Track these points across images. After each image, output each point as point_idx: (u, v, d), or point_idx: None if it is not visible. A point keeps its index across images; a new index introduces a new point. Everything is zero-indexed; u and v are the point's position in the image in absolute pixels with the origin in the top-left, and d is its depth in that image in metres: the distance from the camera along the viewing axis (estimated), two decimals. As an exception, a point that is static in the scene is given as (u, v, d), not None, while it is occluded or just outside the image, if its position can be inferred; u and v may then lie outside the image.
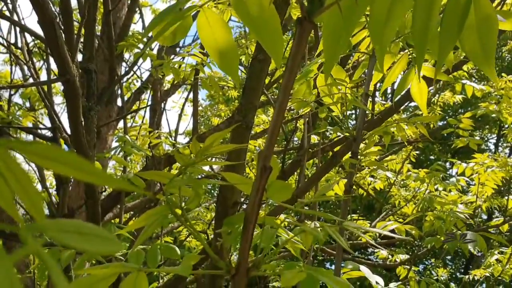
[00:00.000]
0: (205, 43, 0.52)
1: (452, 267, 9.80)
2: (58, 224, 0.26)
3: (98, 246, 0.27)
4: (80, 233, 0.26)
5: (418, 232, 2.10)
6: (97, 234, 0.27)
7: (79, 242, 0.26)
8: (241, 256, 0.53)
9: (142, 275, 0.50)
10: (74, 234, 0.26)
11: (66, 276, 1.21)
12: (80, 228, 0.27)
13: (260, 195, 0.50)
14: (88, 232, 0.27)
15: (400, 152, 4.26)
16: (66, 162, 0.28)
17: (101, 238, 0.27)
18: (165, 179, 0.50)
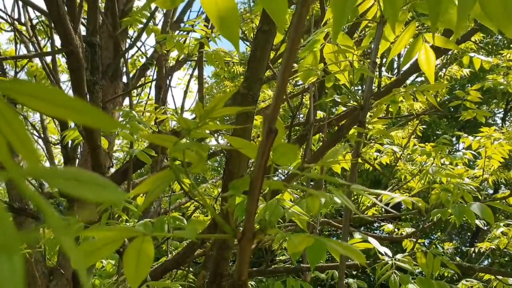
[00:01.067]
0: (205, 6, 0.51)
1: (458, 241, 9.85)
2: (54, 170, 0.26)
3: (98, 194, 0.26)
4: (79, 180, 0.26)
5: (425, 205, 2.09)
6: (97, 182, 0.27)
7: (77, 189, 0.26)
8: (247, 221, 0.52)
9: (148, 239, 0.50)
10: (72, 181, 0.26)
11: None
12: (79, 176, 0.26)
13: (265, 158, 0.49)
14: (88, 179, 0.26)
15: (406, 127, 4.24)
16: (63, 104, 0.26)
17: (101, 186, 0.27)
18: (169, 143, 0.50)
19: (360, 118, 1.02)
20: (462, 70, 3.94)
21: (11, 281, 0.21)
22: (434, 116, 10.31)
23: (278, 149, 0.51)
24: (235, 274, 0.55)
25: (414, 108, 1.12)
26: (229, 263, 2.10)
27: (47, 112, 0.26)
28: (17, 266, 0.22)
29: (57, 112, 0.26)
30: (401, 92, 1.05)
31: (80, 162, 2.85)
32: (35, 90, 0.25)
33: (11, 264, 0.22)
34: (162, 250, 4.58)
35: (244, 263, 0.54)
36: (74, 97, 0.26)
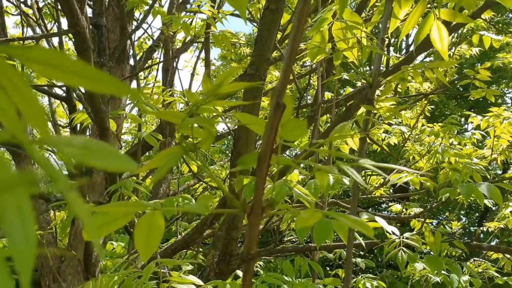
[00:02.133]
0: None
1: (466, 221, 9.85)
2: (65, 139, 0.26)
3: (109, 162, 0.26)
4: (90, 149, 0.26)
5: (433, 184, 2.09)
6: (109, 152, 0.27)
7: (89, 158, 0.26)
8: (256, 195, 0.53)
9: (158, 214, 0.50)
10: (84, 149, 0.26)
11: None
12: (91, 145, 0.26)
13: (273, 134, 0.49)
14: (100, 149, 0.26)
15: (414, 107, 4.22)
16: (70, 69, 0.26)
17: (113, 155, 0.27)
18: (178, 119, 0.50)
19: (368, 96, 1.02)
20: (471, 49, 3.90)
21: (25, 244, 0.22)
22: (443, 97, 10.22)
23: (287, 124, 0.51)
24: (244, 249, 0.56)
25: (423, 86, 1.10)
26: (238, 243, 2.13)
27: (57, 78, 0.26)
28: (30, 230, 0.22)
29: (66, 78, 0.26)
30: (410, 69, 1.04)
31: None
32: (44, 55, 0.25)
33: (24, 227, 0.22)
34: (171, 232, 4.63)
35: (253, 238, 0.55)
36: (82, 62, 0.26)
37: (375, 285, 3.07)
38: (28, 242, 0.22)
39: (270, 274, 1.32)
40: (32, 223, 0.23)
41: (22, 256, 0.22)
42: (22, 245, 0.22)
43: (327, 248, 2.31)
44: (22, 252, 0.22)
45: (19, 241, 0.22)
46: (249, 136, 1.65)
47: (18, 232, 0.22)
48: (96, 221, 0.46)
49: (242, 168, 0.54)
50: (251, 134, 1.63)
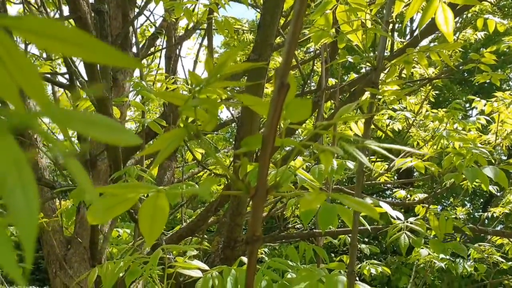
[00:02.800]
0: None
1: (470, 207, 9.85)
2: (66, 112, 0.26)
3: (113, 136, 0.26)
4: (94, 123, 0.26)
5: (437, 169, 2.09)
6: (113, 125, 0.27)
7: (93, 131, 0.26)
8: (260, 177, 0.53)
9: (162, 196, 0.50)
10: (87, 123, 0.26)
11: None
12: (95, 119, 0.26)
13: (278, 114, 0.49)
14: (100, 121, 0.26)
15: (419, 93, 4.19)
16: (67, 39, 0.25)
17: (117, 129, 0.27)
18: (181, 101, 0.50)
19: (373, 80, 1.01)
20: (476, 33, 3.86)
21: (27, 212, 0.22)
22: (447, 82, 10.16)
23: (291, 105, 0.51)
24: (249, 231, 0.56)
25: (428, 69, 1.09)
26: (242, 229, 2.13)
27: (54, 48, 0.25)
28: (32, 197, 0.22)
29: (64, 48, 0.25)
30: (415, 52, 1.03)
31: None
32: (39, 25, 0.24)
33: (25, 194, 0.22)
34: (176, 219, 4.65)
35: (257, 220, 0.55)
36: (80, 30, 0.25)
37: (379, 271, 3.09)
38: (30, 209, 0.22)
39: (275, 260, 1.33)
40: (34, 189, 0.23)
41: (25, 224, 0.22)
42: (24, 213, 0.22)
43: (332, 233, 2.32)
44: (25, 219, 0.22)
45: (21, 209, 0.22)
46: (253, 121, 1.64)
47: (20, 199, 0.22)
48: (101, 205, 0.46)
49: (246, 150, 0.54)
50: (255, 120, 1.63)
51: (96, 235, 2.14)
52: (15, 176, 0.22)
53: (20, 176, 0.22)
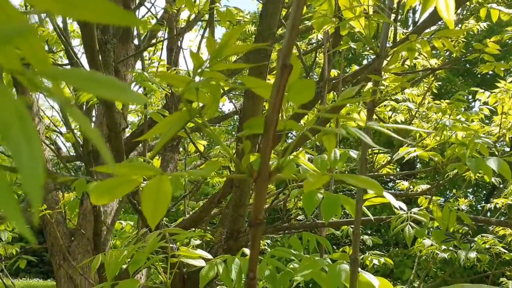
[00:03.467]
0: None
1: (473, 199, 9.84)
2: (69, 70, 0.26)
3: (116, 94, 0.26)
4: (94, 79, 0.26)
5: (441, 159, 2.08)
6: (116, 84, 0.26)
7: (96, 89, 0.25)
8: (263, 160, 0.52)
9: (165, 178, 0.50)
10: (91, 81, 0.26)
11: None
12: (94, 75, 0.26)
13: (280, 96, 0.49)
14: (107, 81, 0.26)
15: (421, 84, 4.18)
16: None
17: (120, 88, 0.26)
18: (182, 83, 0.50)
19: (375, 66, 1.00)
20: (479, 24, 3.83)
21: (31, 163, 0.22)
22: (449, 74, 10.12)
23: (294, 86, 0.50)
24: (252, 214, 0.56)
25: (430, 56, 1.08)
26: (245, 220, 2.14)
27: (54, 9, 0.25)
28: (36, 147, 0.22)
29: (64, 10, 0.25)
30: (418, 39, 1.02)
31: (95, 124, 2.87)
32: None
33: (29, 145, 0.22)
34: (179, 212, 4.66)
35: (260, 203, 0.55)
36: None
37: (382, 262, 3.09)
38: (34, 159, 0.22)
39: (279, 249, 1.33)
40: (37, 140, 0.23)
41: (30, 174, 0.22)
42: (29, 163, 0.22)
43: (335, 224, 2.32)
44: (30, 169, 0.22)
45: (25, 159, 0.22)
46: (256, 112, 1.64)
47: (24, 150, 0.22)
48: (105, 185, 0.46)
49: (248, 132, 0.54)
50: (258, 104, 1.61)
51: (99, 227, 2.15)
52: (18, 128, 0.22)
53: (23, 127, 0.22)
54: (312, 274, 1.21)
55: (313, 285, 8.63)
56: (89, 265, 2.68)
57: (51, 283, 16.18)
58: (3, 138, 0.22)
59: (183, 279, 2.09)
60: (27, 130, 0.22)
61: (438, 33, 1.04)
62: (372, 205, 1.95)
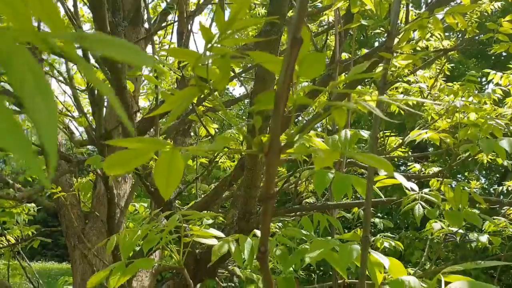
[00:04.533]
0: None
1: (486, 183, 9.78)
2: (83, 33, 0.26)
3: (127, 55, 0.27)
4: (109, 43, 0.26)
5: (453, 140, 2.07)
6: (126, 45, 0.27)
7: (108, 49, 0.26)
8: (273, 135, 0.53)
9: (176, 153, 0.51)
10: (103, 43, 0.26)
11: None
12: (110, 39, 0.27)
13: (291, 70, 0.49)
14: (118, 43, 0.27)
15: (433, 66, 4.13)
16: None
17: (131, 49, 0.27)
18: (193, 58, 0.50)
19: (387, 44, 1.00)
20: (493, 3, 3.77)
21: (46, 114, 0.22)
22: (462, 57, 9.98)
23: (304, 60, 0.50)
24: (263, 189, 0.56)
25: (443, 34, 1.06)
26: (256, 202, 2.15)
27: None
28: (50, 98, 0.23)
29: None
30: (430, 16, 1.01)
31: (107, 108, 2.89)
32: None
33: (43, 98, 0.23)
34: (191, 195, 4.70)
35: (271, 177, 0.56)
36: None
37: (393, 245, 3.10)
38: (49, 110, 0.23)
39: (290, 228, 1.34)
40: (50, 93, 0.23)
41: (46, 125, 0.23)
42: (44, 115, 0.23)
43: (346, 206, 2.32)
44: (45, 121, 0.23)
45: (41, 111, 0.23)
46: (266, 86, 1.62)
47: (39, 103, 0.23)
48: (118, 157, 0.47)
49: (258, 107, 0.54)
50: (269, 83, 1.60)
51: (113, 209, 2.18)
52: (32, 82, 0.23)
53: (37, 81, 0.23)
54: (323, 254, 1.22)
55: (324, 267, 8.68)
56: (103, 246, 2.73)
57: (66, 265, 16.49)
58: (19, 92, 0.22)
59: (195, 260, 2.12)
60: (41, 84, 0.23)
61: (451, 9, 1.03)
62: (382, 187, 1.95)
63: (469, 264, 0.86)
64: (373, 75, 0.60)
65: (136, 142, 0.46)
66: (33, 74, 0.23)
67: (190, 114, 2.92)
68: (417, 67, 3.49)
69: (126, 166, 0.47)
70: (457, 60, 8.99)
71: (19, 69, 0.23)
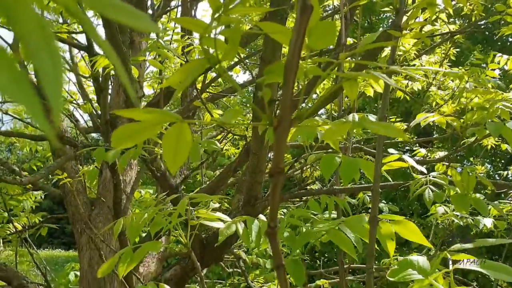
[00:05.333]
0: None
1: (491, 169, 9.75)
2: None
3: (133, 20, 0.26)
4: (113, 4, 0.26)
5: (460, 123, 2.05)
6: (133, 12, 0.26)
7: (114, 13, 0.25)
8: (283, 107, 0.52)
9: (185, 126, 0.50)
10: (110, 6, 0.26)
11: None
12: (118, 3, 0.26)
13: (301, 39, 0.48)
14: (122, 6, 0.26)
15: (439, 51, 4.10)
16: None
17: (137, 15, 0.26)
18: (199, 28, 0.49)
19: (395, 22, 0.98)
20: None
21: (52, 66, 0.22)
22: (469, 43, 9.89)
23: (315, 30, 0.49)
24: (272, 163, 0.56)
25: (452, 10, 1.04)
26: (262, 187, 2.15)
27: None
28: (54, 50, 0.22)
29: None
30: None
31: (112, 95, 2.88)
32: None
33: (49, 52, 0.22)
34: (197, 182, 4.71)
35: (281, 151, 0.55)
36: None
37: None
38: (54, 62, 0.22)
39: (298, 209, 1.34)
40: (56, 45, 0.23)
41: (51, 79, 0.22)
42: (49, 66, 0.22)
43: (352, 190, 2.31)
44: (50, 72, 0.22)
45: (45, 63, 0.22)
46: (275, 56, 1.59)
47: (44, 55, 0.22)
48: (128, 129, 0.46)
49: (268, 79, 0.53)
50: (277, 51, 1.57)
51: (119, 195, 2.18)
52: (39, 34, 0.22)
53: (43, 34, 0.22)
54: (329, 235, 1.21)
55: (329, 253, 8.72)
56: (110, 232, 2.74)
57: (73, 253, 16.63)
58: (24, 43, 0.22)
59: (201, 245, 2.13)
60: (47, 36, 0.22)
61: (460, -14, 1.01)
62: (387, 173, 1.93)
63: (477, 241, 0.85)
64: (384, 44, 0.59)
65: (144, 113, 0.45)
66: (40, 27, 0.22)
67: (194, 100, 2.91)
68: (422, 51, 3.46)
69: (134, 138, 0.47)
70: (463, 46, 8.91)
71: (27, 21, 0.22)
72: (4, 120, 7.94)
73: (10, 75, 0.21)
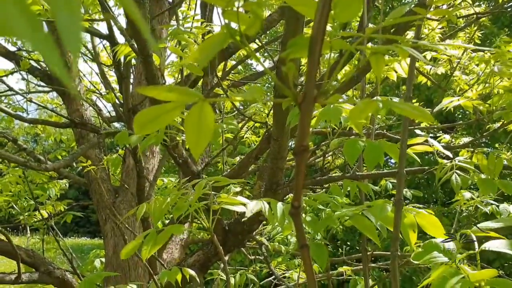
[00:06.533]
0: None
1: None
2: None
3: None
4: None
5: (486, 107, 2.01)
6: None
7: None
8: (308, 81, 0.51)
9: (207, 105, 0.49)
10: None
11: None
12: None
13: (327, 10, 0.47)
14: None
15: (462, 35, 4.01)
16: None
17: None
18: (222, 2, 0.48)
19: (421, 1, 0.96)
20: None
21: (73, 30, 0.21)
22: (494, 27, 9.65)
23: (340, 1, 0.48)
24: (296, 141, 0.55)
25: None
26: (284, 173, 2.14)
27: None
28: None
29: None
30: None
31: (134, 83, 2.90)
32: None
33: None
34: (218, 171, 4.73)
35: (305, 128, 0.54)
36: None
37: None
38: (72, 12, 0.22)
39: (320, 195, 1.33)
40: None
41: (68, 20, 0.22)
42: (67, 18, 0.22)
43: (376, 176, 2.29)
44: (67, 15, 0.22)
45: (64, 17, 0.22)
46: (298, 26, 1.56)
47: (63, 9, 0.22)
48: (147, 114, 0.46)
49: (292, 53, 0.52)
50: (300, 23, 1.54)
51: (142, 182, 2.20)
52: None
53: None
54: (353, 220, 1.20)
55: (351, 241, 8.68)
56: (134, 219, 2.77)
57: (98, 241, 16.96)
58: None
59: (223, 231, 2.14)
60: None
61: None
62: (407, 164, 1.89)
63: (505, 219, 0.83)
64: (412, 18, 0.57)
65: (166, 91, 0.45)
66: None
67: (215, 87, 2.91)
68: (446, 35, 3.38)
69: (157, 123, 0.46)
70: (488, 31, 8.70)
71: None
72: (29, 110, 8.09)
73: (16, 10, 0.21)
